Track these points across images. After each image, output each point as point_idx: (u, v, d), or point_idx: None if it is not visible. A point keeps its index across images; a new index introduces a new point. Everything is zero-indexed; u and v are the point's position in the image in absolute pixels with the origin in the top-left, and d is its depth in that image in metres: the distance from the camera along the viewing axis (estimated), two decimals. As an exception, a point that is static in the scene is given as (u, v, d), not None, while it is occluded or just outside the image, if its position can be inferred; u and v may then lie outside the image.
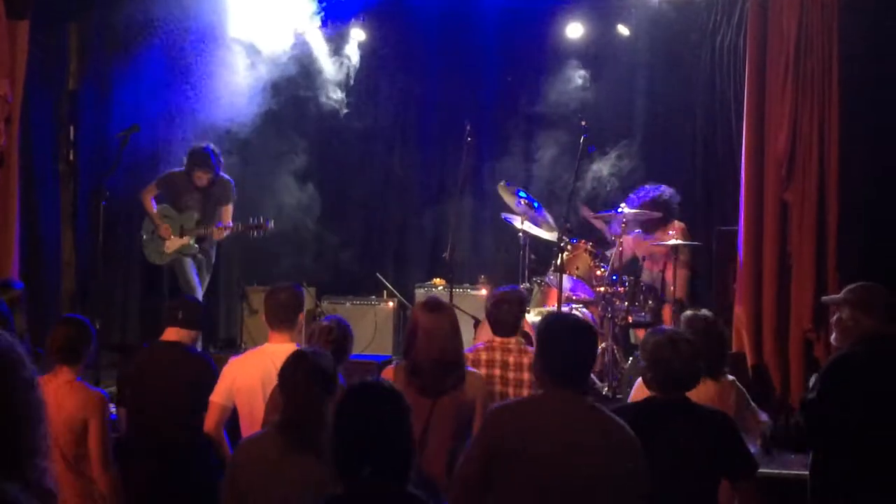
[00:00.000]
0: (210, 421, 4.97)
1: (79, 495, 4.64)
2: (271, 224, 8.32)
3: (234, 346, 8.71)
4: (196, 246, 8.33)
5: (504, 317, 5.23)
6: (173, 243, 8.28)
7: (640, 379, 4.64)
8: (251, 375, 4.90)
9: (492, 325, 5.30)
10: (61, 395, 4.60)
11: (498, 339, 5.22)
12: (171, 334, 5.32)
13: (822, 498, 4.35)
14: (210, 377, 5.10)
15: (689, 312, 4.93)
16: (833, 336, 4.52)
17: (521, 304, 5.35)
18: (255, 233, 8.32)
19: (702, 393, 4.30)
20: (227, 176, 8.39)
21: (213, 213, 8.34)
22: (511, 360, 5.14)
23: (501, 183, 8.36)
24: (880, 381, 4.24)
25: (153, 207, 8.34)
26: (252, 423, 4.76)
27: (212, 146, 8.20)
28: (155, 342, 5.47)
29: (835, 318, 4.50)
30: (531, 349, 5.09)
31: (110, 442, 4.80)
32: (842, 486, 4.25)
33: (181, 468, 5.05)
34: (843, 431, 4.22)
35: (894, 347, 4.32)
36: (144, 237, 8.41)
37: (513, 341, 5.21)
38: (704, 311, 4.91)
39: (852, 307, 4.38)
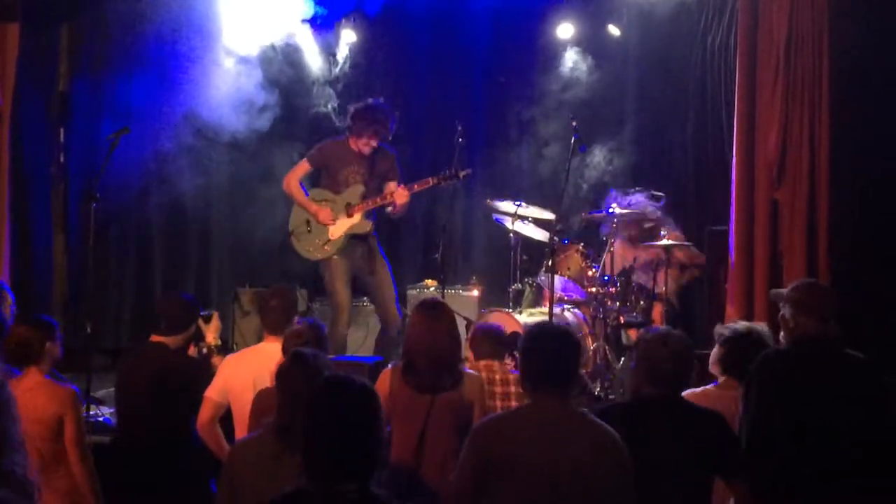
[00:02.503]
0: (203, 415, 5.01)
1: (57, 492, 4.62)
2: (468, 171, 7.32)
3: (225, 348, 8.68)
4: (371, 223, 7.33)
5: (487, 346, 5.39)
6: (340, 226, 7.28)
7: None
8: (244, 374, 4.94)
9: (477, 354, 5.40)
10: (32, 394, 4.59)
11: (482, 362, 5.32)
12: (158, 337, 5.30)
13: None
14: (194, 377, 5.11)
15: (730, 322, 5.11)
16: (781, 334, 4.46)
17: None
18: (453, 182, 7.35)
19: None
20: (389, 147, 7.55)
21: (377, 190, 7.37)
22: (497, 377, 5.23)
23: (487, 200, 8.39)
24: (804, 382, 4.15)
25: (303, 193, 7.37)
26: (243, 421, 4.77)
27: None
28: (141, 344, 5.46)
29: (780, 314, 4.43)
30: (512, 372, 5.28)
31: (85, 436, 4.79)
32: (771, 487, 4.15)
33: (168, 469, 5.03)
34: (766, 431, 4.15)
35: (825, 349, 4.23)
36: (293, 231, 7.42)
37: (495, 364, 5.33)
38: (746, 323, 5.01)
39: (792, 306, 4.31)
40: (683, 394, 4.71)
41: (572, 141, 7.50)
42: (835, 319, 4.28)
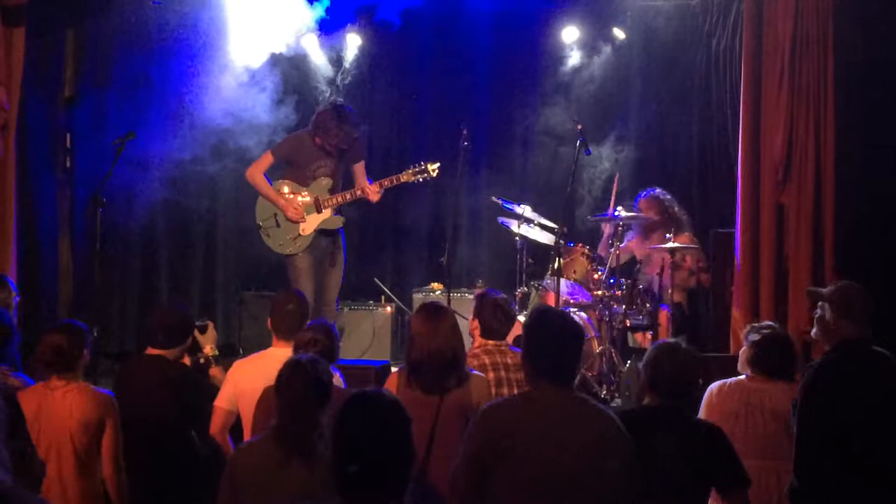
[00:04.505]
0: (214, 426, 5.03)
1: (86, 497, 4.64)
2: (437, 167, 7.32)
3: (231, 352, 8.70)
4: (342, 219, 7.34)
5: (498, 323, 5.27)
6: (311, 222, 7.24)
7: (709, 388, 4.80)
8: (253, 380, 4.91)
9: (485, 329, 5.28)
10: (70, 399, 4.60)
11: (491, 342, 5.24)
12: (154, 350, 5.28)
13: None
14: (194, 389, 5.12)
15: (757, 323, 5.16)
16: (813, 331, 4.50)
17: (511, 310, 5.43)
18: (421, 178, 7.35)
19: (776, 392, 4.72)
20: None
21: (344, 179, 7.39)
22: (509, 361, 5.17)
23: (493, 198, 8.38)
24: (858, 388, 4.19)
25: (268, 185, 7.29)
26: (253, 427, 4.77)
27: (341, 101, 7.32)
28: (136, 355, 5.45)
29: (817, 314, 4.46)
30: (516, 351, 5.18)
31: (121, 444, 4.79)
32: (826, 494, 4.19)
33: (169, 482, 5.01)
34: (826, 440, 4.18)
35: (871, 353, 4.27)
36: (262, 225, 7.34)
37: (503, 344, 5.27)
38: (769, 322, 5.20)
39: (834, 308, 4.34)
40: (716, 384, 4.85)
41: (577, 144, 7.51)
42: (871, 322, 4.32)
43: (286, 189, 7.33)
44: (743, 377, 4.93)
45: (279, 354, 4.88)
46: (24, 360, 5.36)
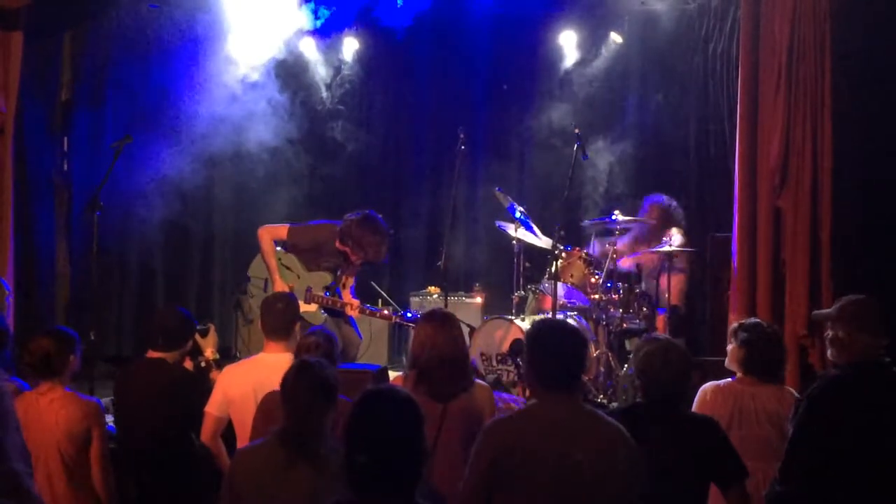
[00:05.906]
0: (205, 432, 5.00)
1: (78, 501, 4.64)
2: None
3: (228, 356, 8.68)
4: (324, 316, 7.21)
5: None
6: None
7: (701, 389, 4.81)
8: (244, 385, 4.92)
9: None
10: (56, 407, 4.61)
11: None
12: (155, 353, 5.29)
13: None
14: (193, 392, 5.11)
15: (745, 321, 5.15)
16: (829, 352, 4.42)
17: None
18: (402, 325, 7.35)
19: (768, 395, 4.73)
20: None
21: (340, 280, 7.41)
22: None
23: (495, 189, 8.38)
24: (870, 406, 4.16)
25: (273, 252, 7.21)
26: (245, 432, 4.77)
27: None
28: (137, 358, 5.46)
29: (829, 335, 4.40)
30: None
31: (109, 450, 4.80)
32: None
33: (168, 484, 5.01)
34: (830, 453, 4.15)
35: (888, 371, 4.24)
36: (252, 279, 7.39)
37: None
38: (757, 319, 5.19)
39: (846, 324, 4.29)
40: (709, 385, 4.87)
41: (574, 149, 7.52)
42: (886, 331, 4.29)
43: (287, 264, 7.25)
44: (732, 380, 4.93)
45: (269, 360, 4.90)
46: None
